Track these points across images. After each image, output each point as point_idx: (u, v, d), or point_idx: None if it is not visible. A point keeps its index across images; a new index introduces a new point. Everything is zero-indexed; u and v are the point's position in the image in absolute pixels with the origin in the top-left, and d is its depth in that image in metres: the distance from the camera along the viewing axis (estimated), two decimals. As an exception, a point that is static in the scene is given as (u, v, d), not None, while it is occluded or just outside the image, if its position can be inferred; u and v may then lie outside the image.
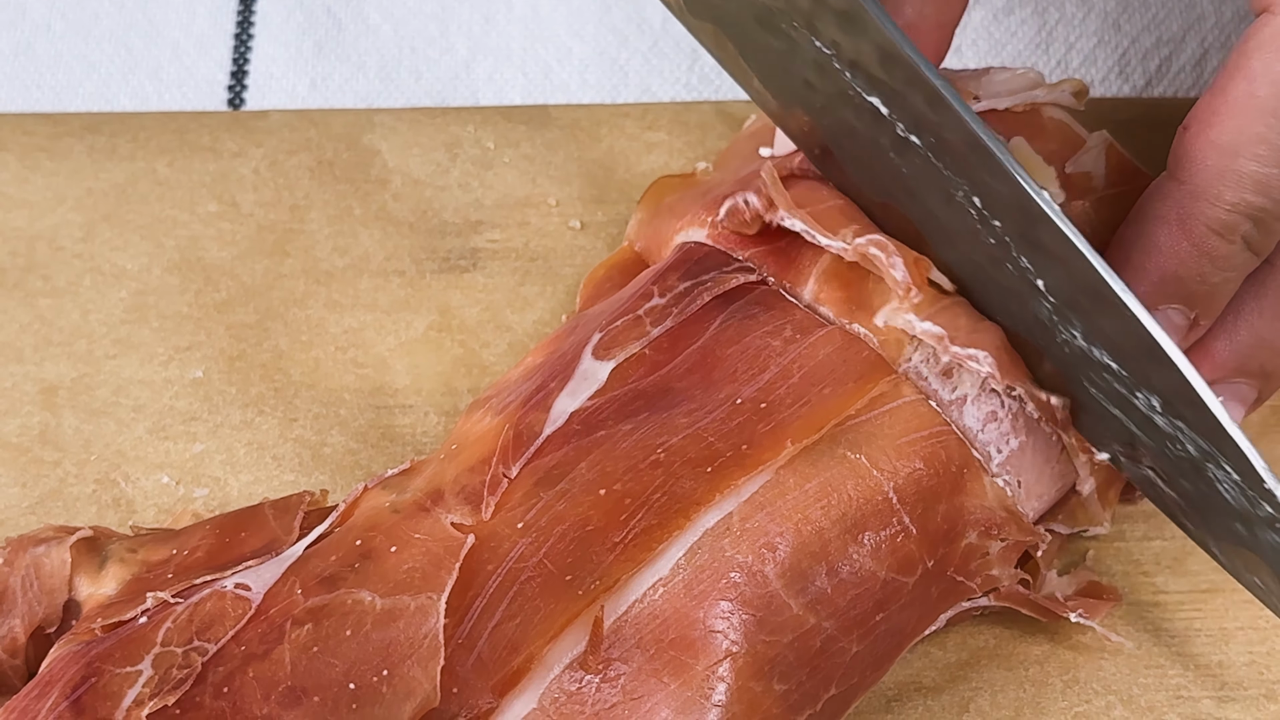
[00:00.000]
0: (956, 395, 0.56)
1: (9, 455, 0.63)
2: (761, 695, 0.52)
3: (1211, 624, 0.61)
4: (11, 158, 0.69)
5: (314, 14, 0.74)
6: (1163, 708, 0.59)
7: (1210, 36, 0.74)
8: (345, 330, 0.66)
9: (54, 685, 0.51)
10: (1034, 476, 0.57)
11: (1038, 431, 0.57)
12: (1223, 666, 0.60)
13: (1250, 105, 0.53)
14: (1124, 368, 0.54)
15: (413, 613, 0.51)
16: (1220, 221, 0.54)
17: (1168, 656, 0.60)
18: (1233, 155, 0.54)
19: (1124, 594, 0.61)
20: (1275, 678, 0.60)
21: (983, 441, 0.56)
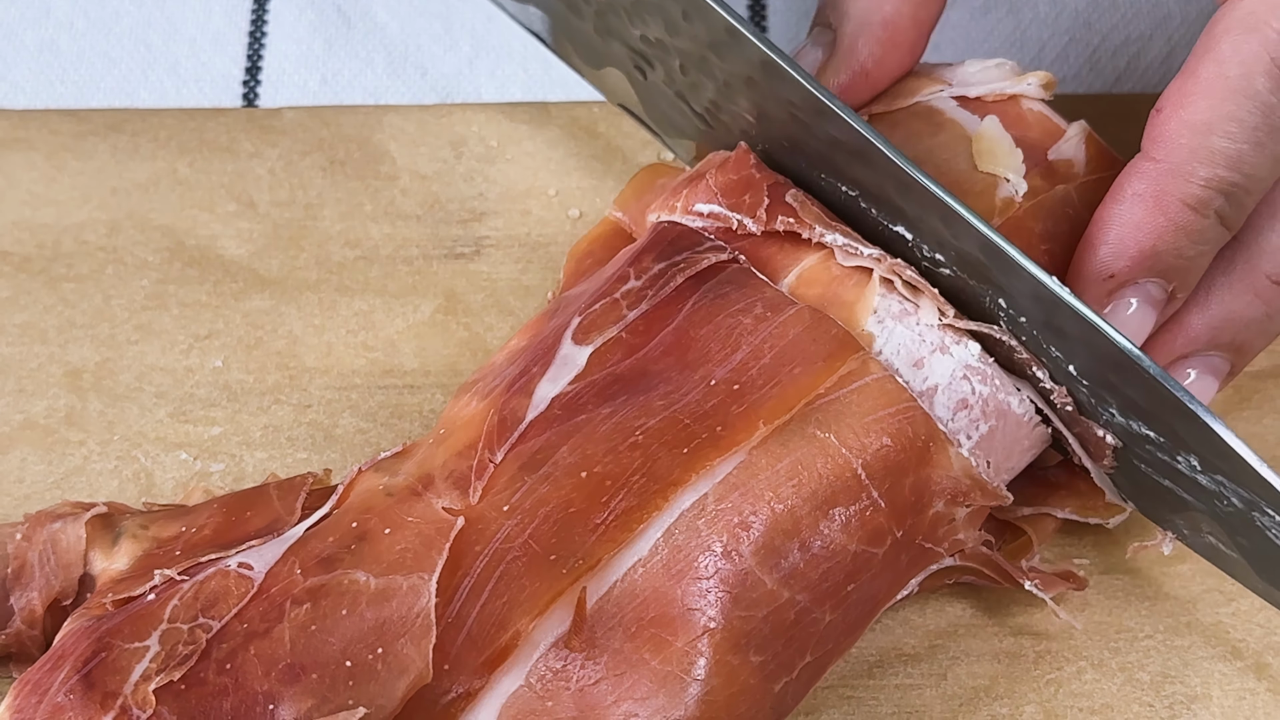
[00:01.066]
0: (928, 385, 0.56)
1: (36, 435, 0.63)
2: (739, 667, 0.52)
3: (1178, 588, 0.61)
4: (39, 157, 0.68)
5: (324, 13, 0.74)
6: (1133, 669, 0.59)
7: (1176, 35, 0.73)
8: (355, 315, 0.66)
9: (66, 659, 0.51)
10: (1003, 456, 0.57)
11: (1007, 415, 0.56)
12: (1190, 628, 0.60)
13: (1221, 85, 0.53)
14: (1159, 433, 0.54)
15: (405, 592, 0.51)
16: (1195, 197, 0.54)
17: (1137, 621, 0.60)
18: (1206, 133, 0.53)
19: (1091, 560, 0.61)
20: (1239, 637, 0.60)
21: (952, 430, 0.55)
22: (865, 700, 0.59)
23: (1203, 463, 0.54)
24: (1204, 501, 0.55)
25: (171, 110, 0.70)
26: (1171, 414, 0.53)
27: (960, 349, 0.56)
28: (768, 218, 0.57)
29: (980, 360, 0.56)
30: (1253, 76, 0.53)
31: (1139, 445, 0.56)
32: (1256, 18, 0.53)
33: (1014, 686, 0.59)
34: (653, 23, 0.60)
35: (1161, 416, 0.54)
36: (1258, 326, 0.57)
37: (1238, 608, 0.60)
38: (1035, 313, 0.54)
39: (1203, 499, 0.55)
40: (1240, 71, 0.53)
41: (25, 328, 0.65)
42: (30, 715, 0.50)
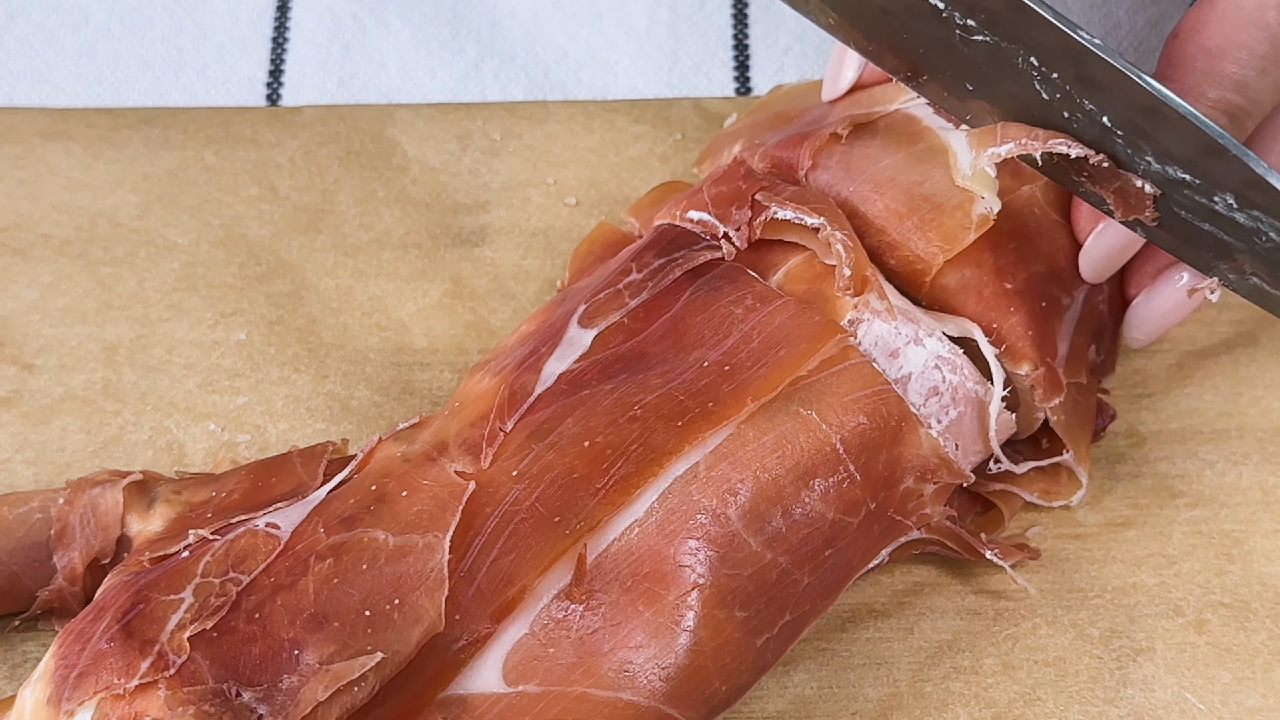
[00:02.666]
0: (902, 373, 0.56)
1: (75, 406, 0.63)
2: (725, 621, 0.52)
3: (1125, 552, 0.61)
4: (77, 146, 0.68)
5: (342, 20, 0.74)
6: (1083, 625, 0.59)
7: (1125, 42, 0.73)
8: (370, 298, 0.66)
9: (107, 610, 0.51)
10: (969, 440, 0.57)
11: (974, 402, 0.57)
12: (1135, 588, 0.60)
13: (1235, 15, 0.54)
14: (1195, 175, 0.53)
15: (421, 549, 0.51)
16: (1203, 115, 0.53)
17: (1087, 582, 0.60)
18: (1218, 58, 0.54)
19: (1048, 528, 0.61)
20: (1180, 596, 0.60)
21: (924, 414, 0.56)
22: (839, 652, 0.59)
23: (1239, 199, 0.53)
24: (1244, 240, 0.54)
25: (199, 108, 0.70)
26: (1204, 154, 0.52)
27: (933, 341, 0.56)
28: (749, 233, 0.58)
29: (950, 351, 0.56)
30: (1265, 8, 0.53)
31: (1176, 191, 0.54)
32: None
33: (975, 641, 0.59)
34: None
35: (1195, 158, 0.53)
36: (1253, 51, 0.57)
37: (1179, 569, 0.60)
38: (1066, 67, 0.53)
39: (1242, 238, 0.54)
40: (1254, 3, 0.53)
41: (66, 310, 0.65)
42: (74, 662, 0.50)
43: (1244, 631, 0.59)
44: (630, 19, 0.74)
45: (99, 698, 0.49)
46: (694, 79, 0.73)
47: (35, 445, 0.62)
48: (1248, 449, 0.63)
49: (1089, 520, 0.61)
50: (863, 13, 0.57)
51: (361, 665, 0.49)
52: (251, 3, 0.74)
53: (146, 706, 0.49)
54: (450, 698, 0.51)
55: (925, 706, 0.58)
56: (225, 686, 0.49)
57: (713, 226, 0.58)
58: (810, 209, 0.57)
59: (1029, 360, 0.57)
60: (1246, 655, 0.58)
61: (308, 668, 0.49)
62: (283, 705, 0.49)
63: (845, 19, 0.58)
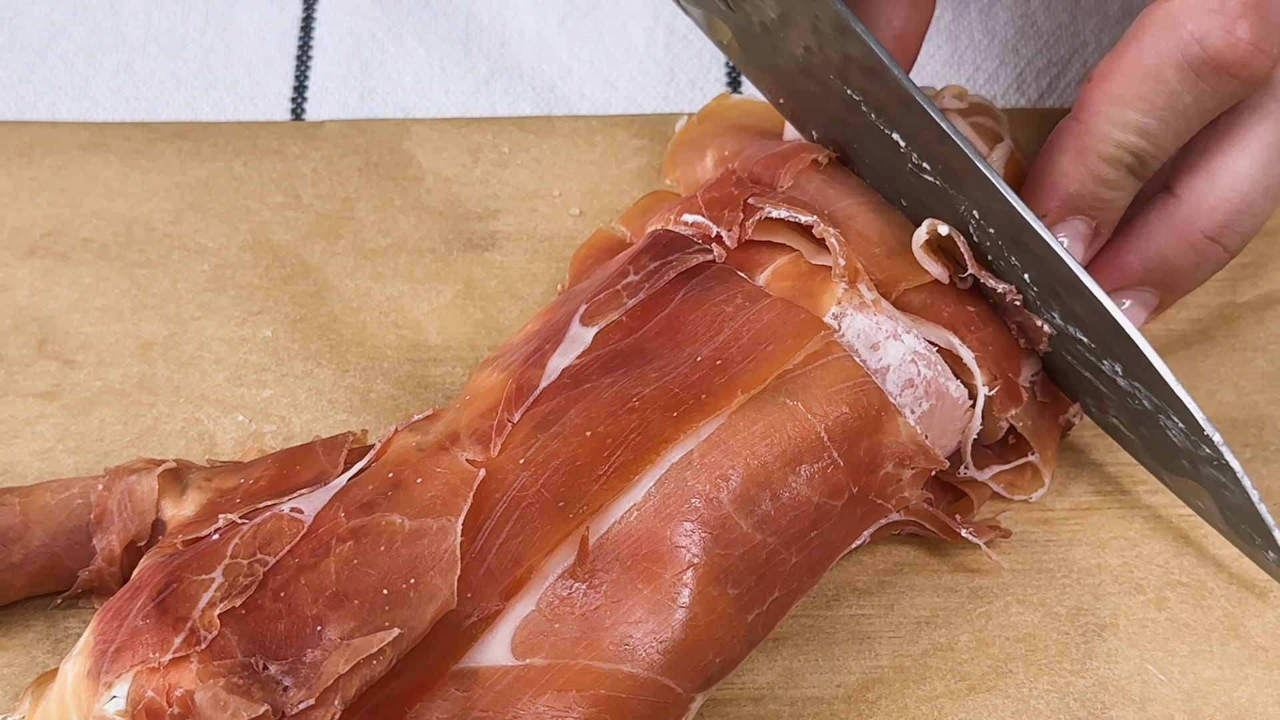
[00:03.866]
0: (881, 365, 0.56)
1: (113, 399, 0.63)
2: (718, 598, 0.52)
3: (1090, 535, 0.61)
4: (115, 158, 0.68)
5: (361, 39, 0.74)
6: (1052, 603, 0.59)
7: (1091, 59, 0.73)
8: (387, 298, 0.66)
9: (143, 589, 0.51)
10: (939, 432, 0.57)
11: (945, 396, 0.57)
12: (1100, 569, 0.60)
13: (1139, 69, 0.54)
14: (1093, 341, 0.55)
15: (435, 532, 0.51)
16: (1109, 154, 0.55)
17: (1055, 563, 0.60)
18: (1121, 104, 0.55)
19: (1019, 513, 0.61)
20: (1142, 575, 0.60)
21: (900, 404, 0.56)
22: (824, 628, 0.59)
23: (1125, 370, 0.55)
24: (1117, 396, 0.57)
25: (229, 122, 0.70)
26: (1108, 331, 0.54)
27: (910, 337, 0.56)
28: (740, 233, 0.58)
29: (925, 348, 0.56)
30: (1165, 66, 0.54)
31: (1071, 344, 0.57)
32: (1175, 18, 0.53)
33: (951, 617, 0.59)
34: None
35: (1099, 330, 0.55)
36: (1187, 273, 0.58)
37: (1140, 551, 0.60)
38: (1005, 227, 0.55)
39: (1117, 394, 0.57)
40: (1156, 61, 0.54)
41: (104, 310, 0.65)
42: (112, 637, 0.50)
43: (1200, 609, 0.59)
44: (630, 38, 0.74)
45: (135, 671, 0.49)
46: (690, 94, 0.73)
47: (76, 435, 0.62)
48: (1204, 438, 0.62)
49: (1057, 506, 0.61)
50: (819, 115, 0.59)
51: (380, 640, 0.49)
52: (277, 23, 0.74)
53: (180, 679, 0.49)
54: (462, 670, 0.51)
55: (905, 679, 0.58)
56: (253, 660, 0.49)
57: (706, 228, 0.58)
58: (802, 208, 0.57)
59: (988, 372, 0.57)
60: (1203, 630, 0.58)
61: (330, 643, 0.49)
62: (306, 678, 0.49)
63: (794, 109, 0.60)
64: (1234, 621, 0.59)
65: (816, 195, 0.59)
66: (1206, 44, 0.53)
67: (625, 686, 0.51)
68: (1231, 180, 0.57)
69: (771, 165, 0.60)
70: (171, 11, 0.74)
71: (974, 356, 0.57)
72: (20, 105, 0.72)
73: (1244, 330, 0.65)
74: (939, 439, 0.57)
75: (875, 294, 0.56)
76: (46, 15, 0.74)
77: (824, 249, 0.57)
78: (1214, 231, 0.57)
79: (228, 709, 0.48)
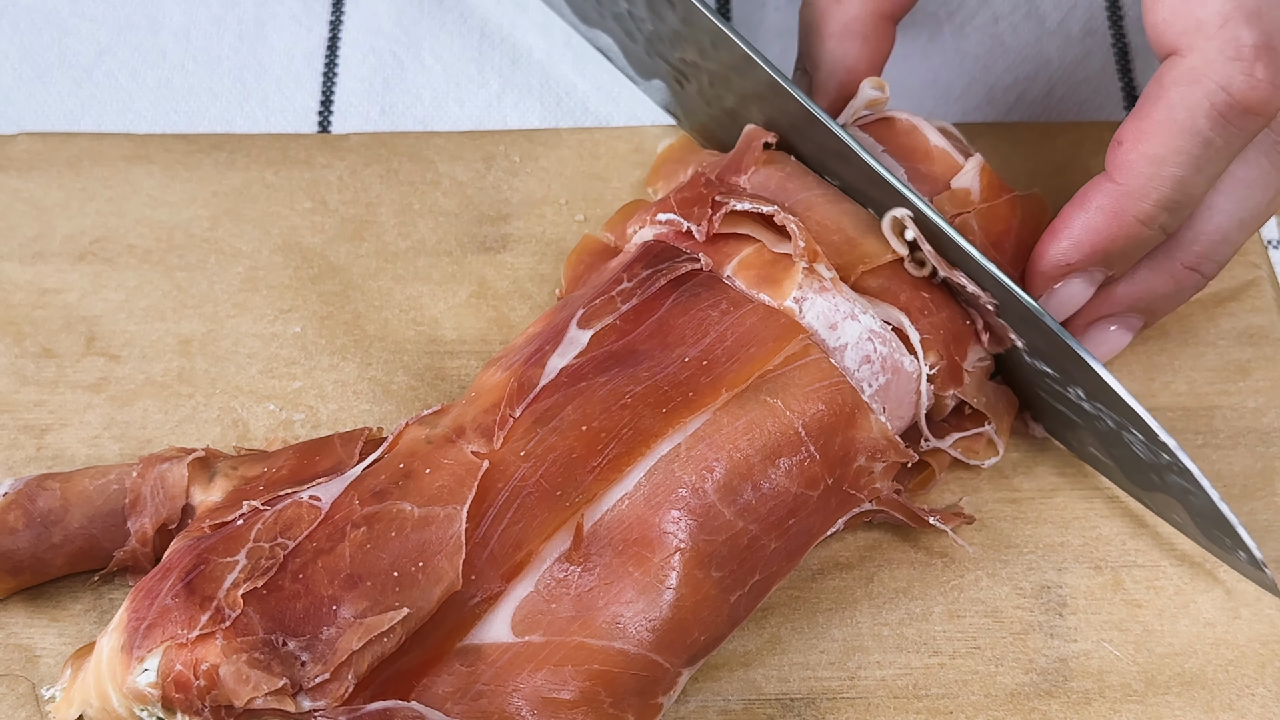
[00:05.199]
0: (840, 343, 0.55)
1: (155, 390, 0.62)
2: (703, 580, 0.52)
3: (1054, 515, 0.60)
4: (156, 168, 0.68)
5: (383, 57, 0.73)
6: (1018, 578, 0.58)
7: (1056, 75, 0.73)
8: (407, 297, 0.65)
9: (173, 570, 0.51)
10: (894, 405, 0.56)
11: (900, 371, 0.56)
12: (1063, 546, 0.59)
13: (1172, 125, 0.53)
14: (1057, 371, 0.56)
15: (442, 519, 0.51)
16: (1146, 214, 0.54)
17: (1022, 539, 0.59)
18: (1160, 163, 0.54)
19: (987, 493, 0.60)
20: (1102, 555, 0.59)
21: (858, 379, 0.55)
22: (808, 599, 0.58)
23: (1087, 393, 0.55)
24: (1086, 422, 0.57)
25: (261, 134, 0.70)
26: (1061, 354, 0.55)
27: (866, 317, 0.56)
28: (709, 227, 0.57)
29: (881, 327, 0.56)
30: (1196, 118, 0.53)
31: (1040, 378, 0.57)
32: (1198, 72, 0.53)
33: (926, 590, 0.58)
34: (689, 49, 0.62)
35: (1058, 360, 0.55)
36: (1168, 298, 0.59)
37: (1100, 532, 0.59)
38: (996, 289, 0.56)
39: (1086, 420, 0.57)
40: (1187, 114, 0.53)
41: (147, 309, 0.64)
42: (144, 615, 0.50)
43: (1153, 589, 0.58)
44: (630, 57, 0.73)
45: (165, 646, 0.49)
46: (686, 109, 0.72)
47: (120, 424, 0.62)
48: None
49: (1023, 486, 0.61)
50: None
51: (390, 619, 0.49)
52: (305, 43, 0.74)
53: (206, 654, 0.49)
54: (467, 647, 0.51)
55: (883, 648, 0.57)
56: (273, 637, 0.49)
57: (678, 224, 0.58)
58: (765, 201, 0.57)
59: (935, 353, 0.56)
60: (1155, 609, 0.58)
61: (344, 621, 0.49)
62: (322, 653, 0.49)
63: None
64: (1185, 599, 0.58)
65: (777, 190, 0.58)
66: (1232, 90, 0.52)
67: (617, 662, 0.51)
68: (1209, 214, 0.57)
69: (733, 161, 0.60)
70: (208, 32, 0.74)
71: (920, 338, 0.56)
72: (69, 119, 0.71)
73: (1196, 327, 0.64)
74: (896, 410, 0.56)
75: (833, 273, 0.56)
76: (93, 35, 0.73)
77: (785, 239, 0.57)
78: (1193, 262, 0.57)
79: (249, 682, 0.48)
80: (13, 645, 0.56)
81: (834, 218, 0.58)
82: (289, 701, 0.48)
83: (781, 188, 0.59)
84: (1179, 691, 0.56)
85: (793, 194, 0.58)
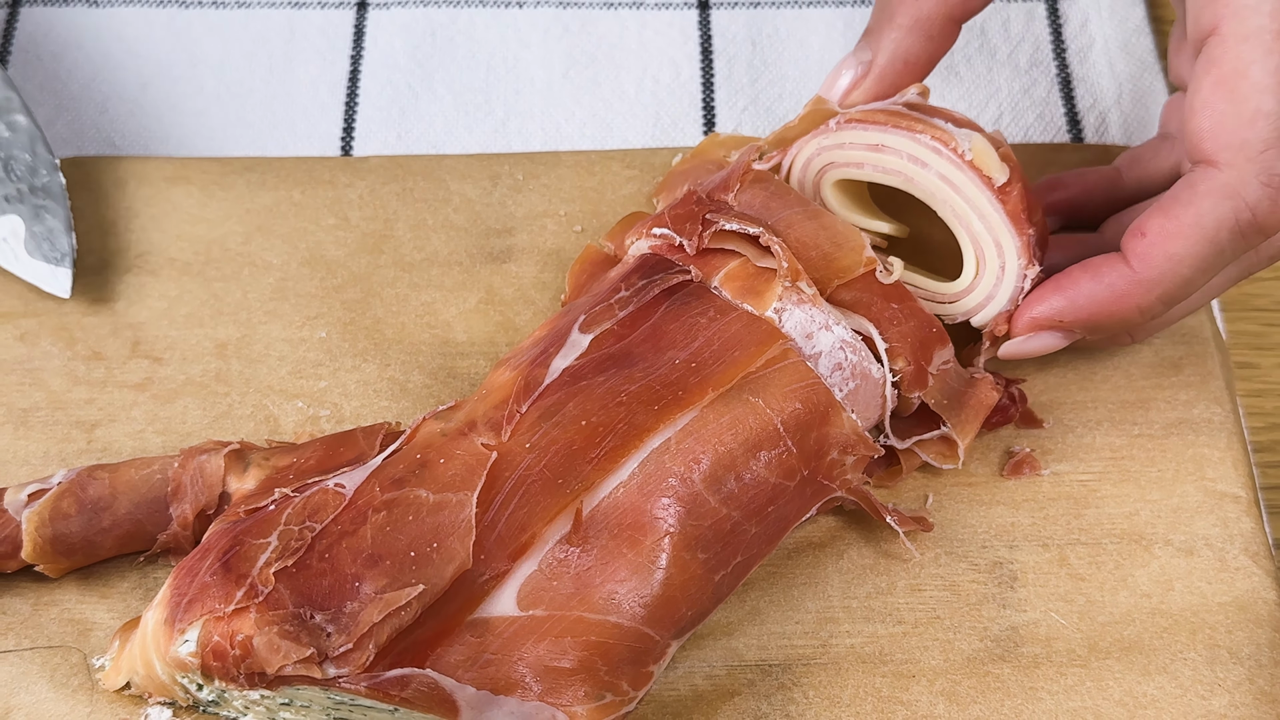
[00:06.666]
0: (815, 350, 0.55)
1: (194, 389, 0.62)
2: (690, 561, 0.52)
3: (1006, 497, 0.60)
4: (195, 189, 0.67)
5: (399, 89, 0.73)
6: (974, 555, 0.58)
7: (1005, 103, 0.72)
8: (422, 303, 0.64)
9: (211, 551, 0.51)
10: (862, 407, 0.56)
11: (867, 378, 0.56)
12: (1014, 527, 0.59)
13: (1198, 233, 0.52)
14: None
15: (454, 504, 0.51)
16: (1149, 305, 0.54)
17: (976, 519, 0.59)
18: (1179, 264, 0.53)
19: (946, 479, 0.60)
20: (1049, 534, 0.59)
21: (831, 383, 0.55)
22: (785, 574, 0.58)
23: None
24: None
25: (289, 157, 0.69)
26: None
27: (839, 328, 0.55)
28: (699, 242, 0.57)
29: (852, 337, 0.55)
30: (1220, 231, 0.52)
31: None
32: (1232, 189, 0.51)
33: (890, 566, 0.58)
34: None
35: None
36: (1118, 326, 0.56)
37: (1047, 513, 0.59)
38: None
39: None
40: (1213, 226, 0.52)
41: (187, 316, 0.64)
42: (185, 591, 0.50)
43: (1095, 564, 0.58)
44: (622, 87, 0.73)
45: (204, 619, 0.49)
46: (672, 133, 0.71)
47: (163, 420, 0.61)
48: (1100, 417, 0.61)
49: (979, 472, 0.60)
50: None
51: (408, 594, 0.49)
52: (329, 75, 0.73)
53: (241, 626, 0.48)
54: (476, 620, 0.50)
55: (852, 618, 0.57)
56: (302, 611, 0.49)
57: (671, 238, 0.57)
58: (750, 221, 0.56)
59: (903, 359, 0.56)
60: (1097, 582, 0.58)
61: (366, 596, 0.49)
62: (346, 625, 0.48)
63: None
64: (1124, 574, 0.58)
65: (761, 209, 0.58)
66: (1258, 212, 0.51)
67: (612, 634, 0.51)
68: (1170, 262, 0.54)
69: (724, 181, 0.59)
70: (241, 66, 0.73)
71: (886, 347, 0.56)
72: (116, 144, 0.71)
73: (1133, 328, 0.64)
74: (863, 411, 0.56)
75: (814, 289, 0.55)
76: (138, 70, 0.73)
77: (767, 254, 0.56)
78: (1149, 305, 0.55)
79: (280, 651, 0.48)
80: (66, 620, 0.56)
81: (812, 234, 0.57)
82: (316, 669, 0.48)
83: (765, 206, 0.58)
84: (1119, 656, 0.56)
85: (775, 212, 0.58)
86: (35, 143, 0.64)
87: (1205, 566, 0.58)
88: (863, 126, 0.57)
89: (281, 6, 0.75)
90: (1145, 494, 0.59)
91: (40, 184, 0.63)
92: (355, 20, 0.74)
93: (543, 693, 0.50)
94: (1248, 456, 0.61)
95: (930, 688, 0.55)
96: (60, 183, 0.64)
